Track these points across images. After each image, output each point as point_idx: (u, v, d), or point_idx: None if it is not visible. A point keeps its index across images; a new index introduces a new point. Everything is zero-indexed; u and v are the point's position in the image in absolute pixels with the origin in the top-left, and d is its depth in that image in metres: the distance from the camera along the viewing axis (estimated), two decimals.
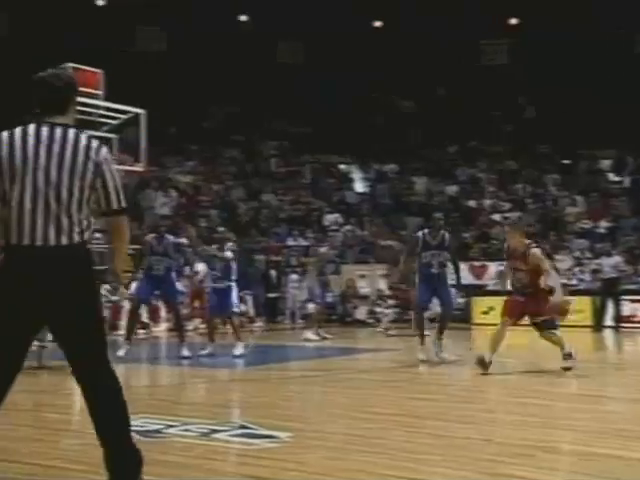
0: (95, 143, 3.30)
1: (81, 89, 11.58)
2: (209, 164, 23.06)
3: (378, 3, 23.36)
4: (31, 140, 3.17)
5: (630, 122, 21.35)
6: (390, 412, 5.72)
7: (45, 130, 3.21)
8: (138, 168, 12.54)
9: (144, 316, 14.90)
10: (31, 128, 3.22)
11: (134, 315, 10.05)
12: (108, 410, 3.35)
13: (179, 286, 15.92)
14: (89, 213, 3.25)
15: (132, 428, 3.25)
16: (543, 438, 4.66)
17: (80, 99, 11.56)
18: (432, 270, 8.78)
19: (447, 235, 9.10)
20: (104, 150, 3.31)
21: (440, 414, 5.68)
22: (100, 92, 12.00)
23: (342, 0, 22.58)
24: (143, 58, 23.82)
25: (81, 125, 11.35)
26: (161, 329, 15.11)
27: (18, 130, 3.22)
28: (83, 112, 11.71)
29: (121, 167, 12.10)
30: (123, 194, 3.35)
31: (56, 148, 3.17)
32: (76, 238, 3.20)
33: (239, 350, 9.84)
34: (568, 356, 7.82)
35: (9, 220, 3.13)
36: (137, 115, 12.35)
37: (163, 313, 15.40)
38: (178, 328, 10.28)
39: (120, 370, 8.70)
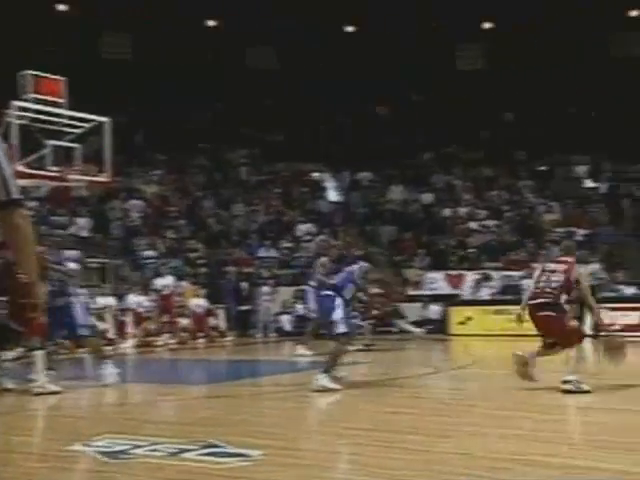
0: None
1: (44, 97, 11.54)
2: (177, 173, 22.96)
3: (350, 8, 23.49)
4: None
5: (606, 128, 21.70)
6: (366, 427, 5.72)
7: None
8: (103, 178, 12.43)
9: (111, 332, 14.76)
10: None
11: None
12: None
13: (144, 300, 15.85)
14: None
15: (97, 449, 3.17)
16: (523, 451, 4.69)
17: (42, 107, 11.49)
18: None
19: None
20: None
21: (417, 428, 5.69)
22: (63, 100, 11.89)
23: (313, 5, 22.65)
24: (108, 65, 23.71)
25: (44, 134, 11.23)
26: (128, 345, 14.97)
27: None
28: (46, 121, 11.63)
29: (85, 177, 12.02)
30: (13, 183, 2.86)
31: None
32: None
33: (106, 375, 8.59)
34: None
35: None
36: (101, 124, 12.27)
37: (130, 329, 15.28)
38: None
39: (84, 389, 8.61)
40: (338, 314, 8.07)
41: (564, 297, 7.64)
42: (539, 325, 7.74)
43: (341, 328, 8.03)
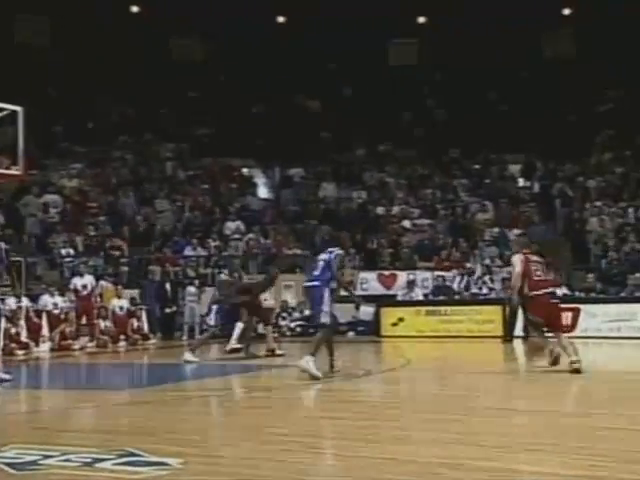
0: None
1: None
2: (98, 167, 22.49)
3: None
4: None
5: (539, 126, 22.30)
6: (292, 432, 5.71)
7: None
8: (15, 172, 12.03)
9: (24, 335, 14.37)
10: None
11: None
12: None
13: (60, 301, 15.48)
14: None
15: (3, 461, 3.09)
16: (451, 455, 4.76)
17: None
18: None
19: None
20: None
21: (345, 433, 5.71)
22: None
23: None
24: (24, 51, 23.04)
25: None
26: (43, 349, 14.58)
27: None
28: None
29: None
30: None
31: None
32: None
33: None
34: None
35: None
36: (14, 112, 11.87)
37: (45, 332, 14.90)
38: None
39: None
40: (326, 305, 9.06)
41: None
42: (550, 310, 8.84)
43: (324, 318, 9.02)
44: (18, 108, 11.85)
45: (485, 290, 17.15)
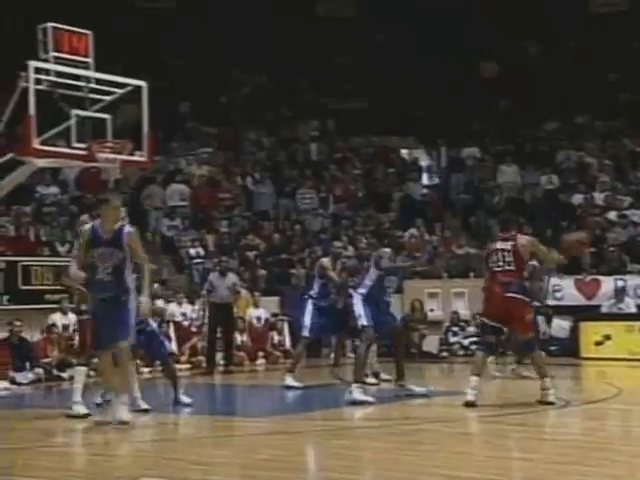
0: None
1: (66, 56, 11.76)
2: (231, 151, 23.23)
3: None
4: None
5: None
6: (474, 476, 5.68)
7: None
8: (139, 158, 12.62)
9: None
10: None
11: None
12: None
13: (189, 310, 16.02)
14: None
15: None
16: None
17: (65, 69, 11.72)
18: None
19: None
20: None
21: (544, 478, 5.61)
22: (90, 60, 12.08)
23: None
24: (145, 15, 24.12)
25: (67, 102, 11.39)
26: None
27: None
28: (69, 86, 11.86)
29: (119, 156, 12.19)
30: None
31: None
32: None
33: None
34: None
35: None
36: (138, 89, 12.45)
37: (173, 347, 15.51)
38: None
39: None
40: None
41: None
42: None
43: None
44: (142, 83, 12.43)
45: None
